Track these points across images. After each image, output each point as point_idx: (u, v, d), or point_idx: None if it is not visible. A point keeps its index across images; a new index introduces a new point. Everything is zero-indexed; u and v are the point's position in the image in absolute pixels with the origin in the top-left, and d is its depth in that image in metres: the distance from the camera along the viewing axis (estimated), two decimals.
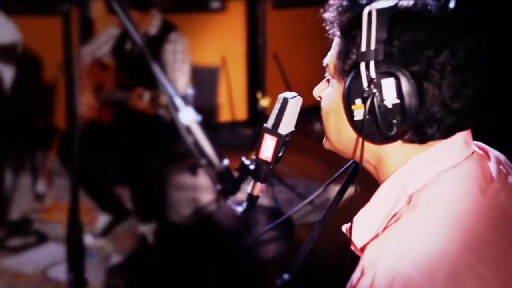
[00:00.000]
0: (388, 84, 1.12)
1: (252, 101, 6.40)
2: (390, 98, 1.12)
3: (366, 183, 1.23)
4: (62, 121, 4.43)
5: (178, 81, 4.07)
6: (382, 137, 1.15)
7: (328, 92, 1.26)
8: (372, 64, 1.12)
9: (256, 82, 5.92)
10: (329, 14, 1.23)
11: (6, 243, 4.15)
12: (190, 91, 1.44)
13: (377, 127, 1.14)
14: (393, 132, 1.13)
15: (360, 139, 1.18)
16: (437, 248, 1.05)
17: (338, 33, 1.23)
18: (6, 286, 3.64)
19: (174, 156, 4.32)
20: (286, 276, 1.67)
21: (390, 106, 1.12)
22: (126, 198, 4.32)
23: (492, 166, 1.22)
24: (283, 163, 1.42)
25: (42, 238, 4.20)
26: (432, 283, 1.01)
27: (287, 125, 1.32)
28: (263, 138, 1.33)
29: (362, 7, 1.15)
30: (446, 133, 1.17)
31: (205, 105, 4.71)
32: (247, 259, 3.26)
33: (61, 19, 2.42)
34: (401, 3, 1.15)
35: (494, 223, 1.12)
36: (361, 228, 1.22)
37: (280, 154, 1.34)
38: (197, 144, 1.40)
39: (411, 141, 1.17)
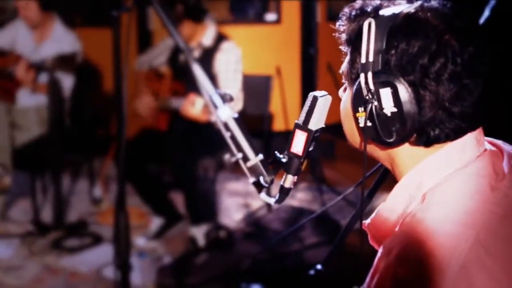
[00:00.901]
0: (386, 94, 1.17)
1: None
2: (388, 106, 1.17)
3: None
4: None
5: (231, 89, 4.16)
6: (384, 142, 1.21)
7: (344, 97, 1.33)
8: (370, 75, 1.18)
9: (309, 92, 5.97)
10: (340, 24, 1.30)
11: (63, 243, 4.30)
12: (227, 92, 1.52)
13: (378, 134, 1.20)
14: (392, 139, 1.19)
15: (363, 144, 1.24)
16: (448, 244, 1.10)
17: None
18: (62, 284, 3.78)
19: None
20: (318, 266, 1.75)
21: (388, 114, 1.18)
22: (179, 202, 4.43)
23: (505, 162, 1.25)
24: (334, 171, 1.50)
25: (97, 240, 4.34)
26: (445, 276, 1.07)
27: (317, 122, 1.40)
28: (294, 133, 1.41)
29: (366, 17, 1.22)
30: (455, 135, 1.20)
31: (257, 113, 4.79)
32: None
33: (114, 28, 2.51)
34: (401, 12, 1.21)
35: (503, 220, 1.15)
36: (379, 224, 1.28)
37: (311, 148, 1.42)
38: (234, 139, 1.49)
39: (417, 144, 1.22)
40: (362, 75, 1.19)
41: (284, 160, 1.44)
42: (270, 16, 6.69)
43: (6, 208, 4.79)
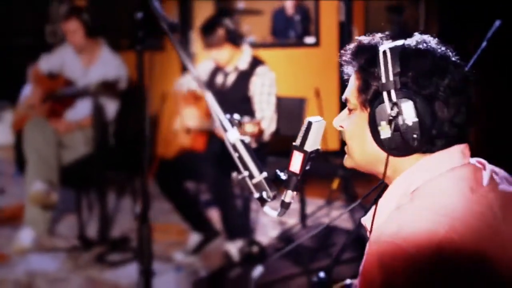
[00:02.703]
0: (407, 107, 1.40)
1: None
2: (409, 117, 1.40)
3: None
4: (161, 149, 4.81)
5: (265, 111, 4.31)
6: (405, 150, 1.43)
7: (352, 120, 1.54)
8: (393, 92, 1.40)
9: None
10: (346, 57, 1.54)
11: (106, 258, 4.49)
12: (236, 116, 1.66)
13: (402, 142, 1.42)
14: (416, 144, 1.40)
15: (386, 154, 1.46)
16: (426, 229, 1.30)
17: (353, 71, 1.52)
18: None
19: None
20: (322, 274, 1.92)
21: (410, 124, 1.39)
22: (216, 219, 4.59)
23: (486, 175, 1.45)
24: (365, 189, 1.68)
25: (138, 255, 4.53)
26: (420, 254, 1.27)
27: (312, 144, 1.59)
28: (292, 154, 1.60)
29: (375, 49, 1.46)
30: (449, 144, 1.44)
31: (291, 134, 4.92)
32: None
33: (163, 54, 2.71)
34: (406, 43, 1.47)
35: (479, 216, 1.35)
36: (375, 219, 1.49)
37: (307, 167, 1.60)
38: (241, 159, 1.67)
39: (424, 152, 1.44)
40: (385, 93, 1.42)
41: (284, 177, 1.62)
42: (309, 39, 6.86)
43: (53, 223, 4.99)
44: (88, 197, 5.27)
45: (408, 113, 1.40)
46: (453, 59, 1.46)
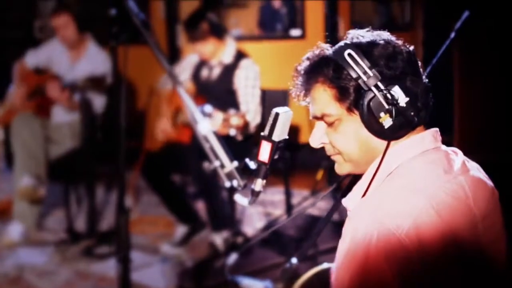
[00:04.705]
0: (396, 91, 1.46)
1: None
2: (402, 99, 1.46)
3: None
4: (148, 143, 4.85)
5: (249, 104, 4.35)
6: (406, 130, 1.50)
7: (338, 129, 1.55)
8: (379, 83, 1.47)
9: None
10: (304, 77, 1.60)
11: (94, 251, 4.53)
12: (207, 107, 1.70)
13: (402, 123, 1.48)
14: (416, 120, 1.48)
15: (384, 143, 1.51)
16: (404, 205, 1.39)
17: (310, 88, 1.57)
18: (91, 287, 4.00)
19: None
20: (294, 259, 1.97)
21: (404, 105, 1.46)
22: (203, 211, 4.63)
23: (458, 160, 1.53)
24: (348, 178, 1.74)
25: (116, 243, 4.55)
26: (399, 228, 1.35)
27: (280, 134, 1.64)
28: (260, 144, 1.65)
29: (331, 57, 1.53)
30: (430, 112, 1.52)
31: None
32: None
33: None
34: (355, 41, 1.54)
35: (452, 194, 1.43)
36: (354, 199, 1.56)
37: (276, 157, 1.66)
38: (212, 149, 1.73)
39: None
40: (373, 87, 1.47)
41: (253, 167, 1.67)
42: (295, 32, 6.89)
43: (41, 217, 5.03)
44: (76, 191, 5.31)
45: (399, 95, 1.46)
46: (392, 37, 1.55)
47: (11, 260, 4.42)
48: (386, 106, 1.46)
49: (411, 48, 1.54)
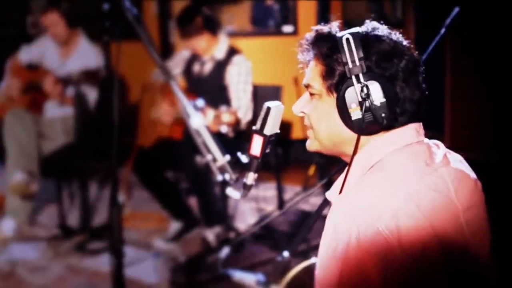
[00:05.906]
0: (374, 88, 1.48)
1: None
2: (378, 98, 1.48)
3: None
4: (141, 138, 4.85)
5: (241, 100, 4.35)
6: (373, 129, 1.52)
7: (317, 104, 1.60)
8: (361, 75, 1.48)
9: None
10: (305, 45, 1.62)
11: (86, 246, 4.53)
12: (200, 101, 1.72)
13: (370, 121, 1.49)
14: (384, 122, 1.49)
15: (356, 134, 1.53)
16: (385, 197, 1.40)
17: (311, 58, 1.58)
18: (84, 282, 4.00)
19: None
20: (285, 253, 1.99)
21: (378, 104, 1.48)
22: (195, 207, 4.63)
23: (440, 153, 1.54)
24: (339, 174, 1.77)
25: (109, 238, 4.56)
26: (379, 221, 1.37)
27: (271, 128, 1.66)
28: (252, 138, 1.67)
29: (335, 37, 1.55)
30: (409, 120, 1.54)
31: None
32: None
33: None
34: (363, 30, 1.55)
35: (432, 186, 1.44)
36: (336, 193, 1.58)
37: (267, 150, 1.67)
38: (205, 143, 1.74)
39: (387, 129, 1.53)
40: (353, 77, 1.50)
41: (245, 160, 1.69)
42: (287, 28, 6.89)
43: (34, 213, 5.03)
44: (69, 186, 5.31)
45: (376, 94, 1.48)
46: (405, 43, 1.56)
47: (3, 255, 4.42)
48: (359, 99, 1.48)
49: (417, 58, 1.55)
